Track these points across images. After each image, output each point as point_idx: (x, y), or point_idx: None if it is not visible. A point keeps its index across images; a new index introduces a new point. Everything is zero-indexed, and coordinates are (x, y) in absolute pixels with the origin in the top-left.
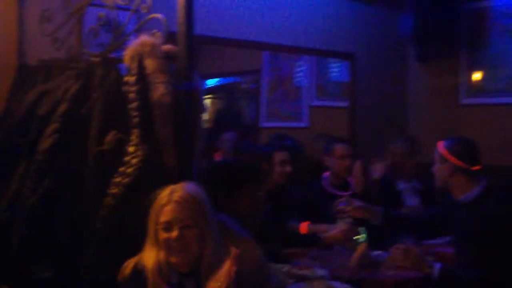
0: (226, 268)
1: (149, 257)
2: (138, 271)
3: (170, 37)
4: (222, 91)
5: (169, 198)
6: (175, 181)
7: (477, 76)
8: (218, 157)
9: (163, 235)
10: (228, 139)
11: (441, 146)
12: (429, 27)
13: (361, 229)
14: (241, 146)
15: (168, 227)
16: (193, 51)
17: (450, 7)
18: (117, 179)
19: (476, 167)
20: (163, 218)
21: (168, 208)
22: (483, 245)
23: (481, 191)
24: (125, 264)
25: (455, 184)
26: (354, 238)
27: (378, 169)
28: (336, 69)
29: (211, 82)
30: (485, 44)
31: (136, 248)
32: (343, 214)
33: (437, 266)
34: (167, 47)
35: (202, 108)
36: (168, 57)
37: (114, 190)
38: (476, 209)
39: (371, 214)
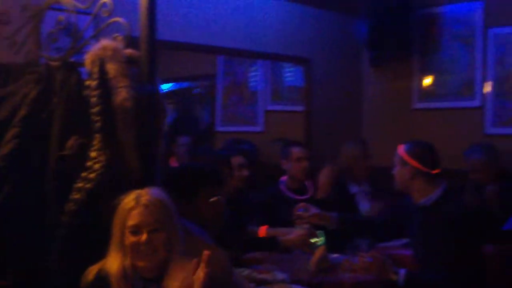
0: (198, 271)
1: (114, 262)
2: (102, 277)
3: (132, 41)
4: (177, 96)
5: (136, 202)
6: (138, 186)
7: (429, 81)
8: (173, 162)
9: (131, 239)
10: (183, 143)
11: (401, 149)
12: (382, 32)
13: (319, 232)
14: (198, 150)
15: (136, 230)
16: (155, 55)
17: (403, 13)
18: (79, 185)
19: (436, 170)
20: (131, 221)
21: (136, 212)
22: (444, 247)
23: (441, 194)
24: (88, 270)
25: (416, 187)
26: (313, 241)
27: (326, 174)
28: (291, 74)
29: (165, 87)
30: (437, 49)
31: (99, 253)
32: (300, 220)
33: (402, 271)
34: (129, 51)
35: (164, 112)
36: (130, 61)
37: (76, 196)
38: (436, 212)
39: (327, 220)
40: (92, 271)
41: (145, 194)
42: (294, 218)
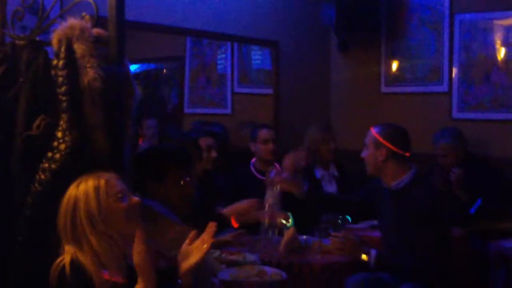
0: (198, 242)
1: (88, 251)
2: (79, 270)
3: (99, 21)
4: (145, 77)
5: (103, 176)
6: (106, 168)
7: (396, 65)
8: (141, 143)
9: (121, 205)
10: (150, 125)
11: (374, 131)
12: (350, 16)
13: (288, 214)
14: (167, 132)
15: (124, 195)
16: (123, 35)
17: None
18: (45, 165)
19: (408, 153)
20: (116, 188)
21: (114, 181)
22: (414, 230)
23: (412, 177)
24: (57, 262)
25: (388, 170)
26: (282, 223)
27: (290, 158)
28: (259, 56)
29: (133, 68)
30: (405, 34)
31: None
32: (272, 184)
33: (373, 252)
34: (96, 30)
35: (133, 93)
36: (98, 41)
37: (41, 176)
38: (407, 195)
39: (297, 188)
40: (63, 263)
41: (99, 174)
42: (266, 182)
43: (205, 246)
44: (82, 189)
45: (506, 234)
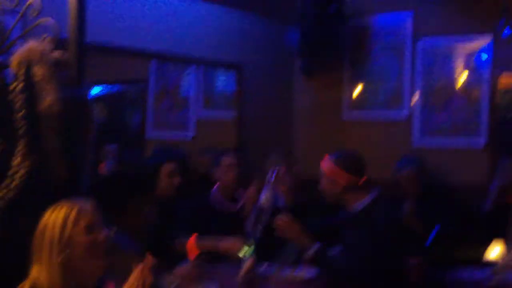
0: (139, 278)
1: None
2: None
3: (60, 42)
4: (107, 100)
5: (75, 206)
6: (63, 195)
7: (359, 90)
8: (102, 169)
9: (85, 238)
10: (111, 150)
11: (329, 161)
12: (314, 40)
13: (248, 243)
14: (127, 157)
15: (92, 229)
16: (84, 58)
17: (335, 21)
18: (1, 193)
19: (364, 178)
20: (86, 220)
21: (87, 211)
22: (369, 253)
23: (370, 201)
24: (21, 285)
25: (346, 196)
26: (242, 252)
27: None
28: (223, 80)
29: (95, 91)
30: (368, 59)
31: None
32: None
33: (315, 245)
34: (57, 53)
35: (92, 118)
36: (58, 64)
37: None
38: (365, 219)
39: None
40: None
41: (77, 202)
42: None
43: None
44: (53, 215)
45: (464, 263)
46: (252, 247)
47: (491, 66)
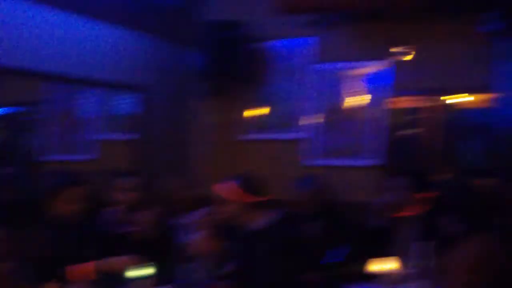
0: None
1: None
2: None
3: None
4: (2, 122)
5: None
6: None
7: (256, 112)
8: None
9: None
10: (6, 174)
11: (229, 182)
12: (214, 64)
13: (149, 264)
14: (22, 183)
15: None
16: None
17: (233, 45)
18: None
19: (261, 198)
20: None
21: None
22: (267, 271)
23: (268, 221)
24: None
25: (244, 217)
26: (132, 272)
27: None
28: (125, 102)
29: None
30: (265, 82)
31: None
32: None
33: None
34: None
35: None
36: None
37: None
38: (263, 238)
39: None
40: None
41: None
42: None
43: None
44: None
45: (358, 278)
46: (153, 267)
47: (385, 90)
